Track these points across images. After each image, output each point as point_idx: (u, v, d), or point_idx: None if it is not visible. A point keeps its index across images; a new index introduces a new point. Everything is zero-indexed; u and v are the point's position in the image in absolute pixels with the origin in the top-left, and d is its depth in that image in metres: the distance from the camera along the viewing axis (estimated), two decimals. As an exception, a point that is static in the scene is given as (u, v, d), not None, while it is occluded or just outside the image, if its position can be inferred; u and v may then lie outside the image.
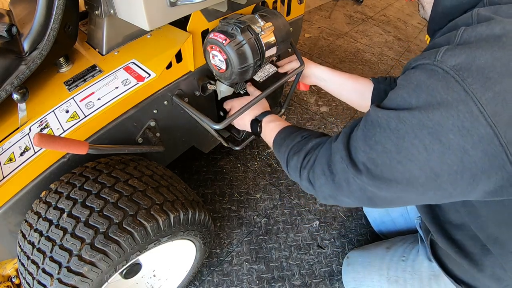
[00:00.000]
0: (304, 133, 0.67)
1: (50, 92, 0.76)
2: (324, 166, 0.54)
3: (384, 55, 2.15)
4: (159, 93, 0.80)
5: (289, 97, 1.07)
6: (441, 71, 0.39)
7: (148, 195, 0.66)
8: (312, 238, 1.16)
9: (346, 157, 0.49)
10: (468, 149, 0.38)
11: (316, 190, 0.57)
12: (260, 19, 0.77)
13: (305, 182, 0.59)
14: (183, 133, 0.97)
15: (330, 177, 0.52)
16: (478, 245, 0.61)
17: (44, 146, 0.54)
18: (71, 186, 0.65)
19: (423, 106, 0.40)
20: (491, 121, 0.37)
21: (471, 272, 0.65)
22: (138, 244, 0.62)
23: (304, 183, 0.60)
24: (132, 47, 0.85)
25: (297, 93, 1.77)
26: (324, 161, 0.54)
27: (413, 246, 0.85)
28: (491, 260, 0.60)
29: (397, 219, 1.04)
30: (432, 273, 0.77)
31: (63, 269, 0.56)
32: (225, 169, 1.38)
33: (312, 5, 2.69)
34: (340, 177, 0.50)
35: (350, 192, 0.50)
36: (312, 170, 0.57)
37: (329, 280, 1.06)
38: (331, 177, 0.52)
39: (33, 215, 0.64)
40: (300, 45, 2.18)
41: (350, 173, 0.48)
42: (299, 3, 1.10)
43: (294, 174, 0.63)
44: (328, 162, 0.53)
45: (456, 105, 0.38)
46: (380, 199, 0.49)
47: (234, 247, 1.13)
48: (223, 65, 0.76)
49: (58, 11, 0.69)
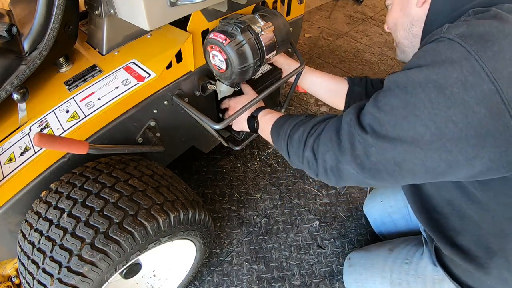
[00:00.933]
0: (307, 115, 0.69)
1: (50, 92, 0.76)
2: (332, 133, 0.55)
3: (384, 55, 2.15)
4: (159, 93, 0.80)
5: (289, 97, 1.07)
6: (446, 40, 0.44)
7: (148, 195, 0.66)
8: (312, 238, 1.16)
9: (354, 120, 0.51)
10: (472, 105, 0.40)
11: (318, 159, 0.57)
12: (260, 19, 0.77)
13: (308, 152, 0.59)
14: (183, 133, 0.97)
15: (336, 142, 0.53)
16: (482, 248, 0.61)
17: (44, 146, 0.54)
18: (71, 186, 0.65)
19: (430, 64, 0.44)
20: (493, 77, 0.39)
21: (478, 276, 0.65)
22: (138, 244, 0.62)
23: (307, 153, 0.59)
24: (132, 47, 0.85)
25: (297, 93, 1.77)
26: (333, 128, 0.55)
27: (417, 248, 0.84)
28: (497, 262, 0.60)
29: (399, 221, 1.03)
30: (436, 277, 0.75)
31: (63, 269, 0.56)
32: (225, 169, 1.38)
33: (312, 5, 2.69)
34: (345, 140, 0.51)
35: (353, 157, 0.50)
36: (318, 138, 0.58)
37: (329, 280, 1.06)
38: (337, 142, 0.53)
39: (33, 215, 0.64)
40: (300, 45, 2.18)
41: (356, 134, 0.49)
42: (299, 3, 1.10)
43: (295, 148, 0.63)
44: (337, 128, 0.54)
45: (460, 61, 0.41)
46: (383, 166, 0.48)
47: (234, 247, 1.13)
48: (223, 65, 0.76)
49: (58, 11, 0.69)
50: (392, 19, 0.67)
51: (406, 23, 0.63)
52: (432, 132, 0.42)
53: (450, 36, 0.43)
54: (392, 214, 1.04)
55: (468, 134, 0.41)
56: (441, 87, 0.41)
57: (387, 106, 0.47)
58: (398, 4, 0.65)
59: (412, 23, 0.62)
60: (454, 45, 0.43)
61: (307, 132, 0.61)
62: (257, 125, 0.82)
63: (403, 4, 0.63)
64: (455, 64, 0.41)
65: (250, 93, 0.88)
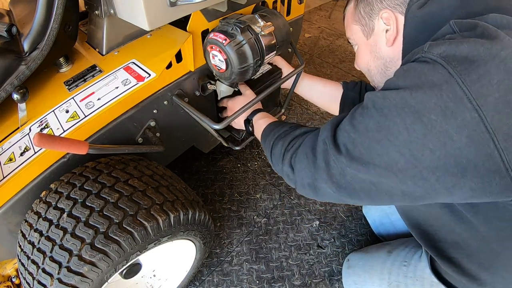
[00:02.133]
0: (292, 125, 0.67)
1: (50, 92, 0.76)
2: (308, 149, 0.53)
3: (384, 55, 2.15)
4: (159, 93, 0.80)
5: (289, 97, 1.07)
6: (429, 60, 0.40)
7: (148, 195, 0.66)
8: (312, 238, 1.16)
9: (330, 138, 0.48)
10: (451, 133, 0.37)
11: (295, 175, 0.55)
12: (260, 19, 0.77)
13: (287, 167, 0.58)
14: (183, 133, 0.97)
15: (312, 160, 0.51)
16: (475, 262, 0.59)
17: (44, 146, 0.54)
18: (71, 186, 0.65)
19: (408, 86, 0.40)
20: (476, 104, 0.36)
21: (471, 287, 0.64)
22: (138, 244, 0.62)
23: (285, 168, 0.58)
24: (132, 47, 0.85)
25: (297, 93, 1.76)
26: (309, 144, 0.54)
27: (415, 251, 0.83)
28: (490, 274, 0.59)
29: (397, 222, 1.03)
30: (434, 280, 0.75)
31: (63, 269, 0.56)
32: (225, 169, 1.38)
33: (312, 5, 2.69)
34: (320, 158, 0.49)
35: (329, 176, 0.48)
36: (295, 153, 0.56)
37: (329, 280, 1.06)
38: (312, 160, 0.51)
39: (33, 215, 0.64)
40: (300, 45, 2.18)
41: (330, 154, 0.47)
42: (299, 3, 1.10)
43: (276, 160, 0.62)
44: (313, 145, 0.52)
45: (440, 85, 0.38)
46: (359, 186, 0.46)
47: (234, 247, 1.13)
48: (223, 65, 0.76)
49: (58, 11, 0.69)
50: (363, 63, 0.63)
51: (380, 67, 0.59)
52: (407, 159, 0.40)
53: (432, 56, 0.39)
54: (390, 215, 1.04)
55: (446, 162, 0.38)
56: (418, 112, 0.38)
57: (362, 125, 0.44)
58: (365, 47, 0.61)
59: (387, 66, 0.58)
60: (435, 66, 0.39)
61: (285, 146, 0.60)
62: (252, 129, 0.82)
63: (371, 47, 0.59)
64: (434, 88, 0.38)
65: (248, 94, 0.87)
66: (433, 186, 0.40)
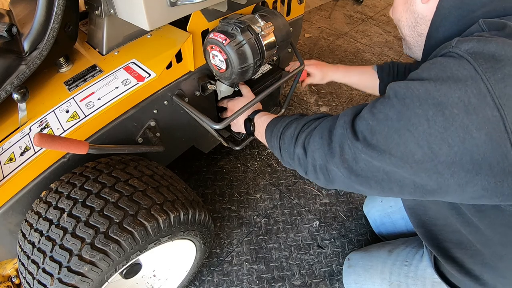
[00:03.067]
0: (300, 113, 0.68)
1: (50, 92, 0.76)
2: (324, 131, 0.53)
3: (384, 55, 2.15)
4: (159, 93, 0.80)
5: (289, 97, 1.07)
6: (456, 55, 0.41)
7: (148, 195, 0.66)
8: (312, 238, 1.16)
9: (348, 123, 0.49)
10: (471, 129, 0.37)
11: (307, 156, 0.55)
12: (260, 19, 0.77)
13: (299, 149, 0.57)
14: (183, 133, 0.97)
15: (327, 141, 0.51)
16: (478, 262, 0.60)
17: (44, 146, 0.54)
18: (71, 186, 0.65)
19: (433, 78, 0.40)
20: (499, 103, 0.36)
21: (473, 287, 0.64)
22: (138, 244, 0.62)
23: (297, 149, 0.58)
24: (132, 47, 0.85)
25: (297, 93, 1.77)
26: (326, 127, 0.54)
27: (417, 250, 0.83)
28: (492, 275, 0.60)
29: (398, 221, 1.03)
30: (435, 280, 0.75)
31: (63, 268, 0.56)
32: (225, 169, 1.38)
33: (312, 5, 2.69)
34: (336, 142, 0.49)
35: (342, 160, 0.48)
36: (310, 134, 0.56)
37: (329, 280, 1.06)
38: (327, 142, 0.51)
39: (33, 215, 0.64)
40: (300, 45, 2.18)
41: (347, 138, 0.47)
42: (299, 3, 1.10)
43: (287, 145, 0.61)
44: (331, 128, 0.53)
45: (465, 80, 0.38)
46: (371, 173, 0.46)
47: (234, 247, 1.13)
48: (223, 65, 0.76)
49: (58, 11, 0.69)
50: (397, 13, 0.62)
51: (411, 20, 0.59)
52: (424, 151, 0.40)
53: (459, 52, 0.40)
54: (391, 214, 1.04)
55: (463, 159, 0.38)
56: (440, 105, 0.38)
57: (382, 114, 0.44)
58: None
59: (417, 21, 0.58)
60: (462, 62, 0.39)
61: (300, 128, 0.60)
62: (253, 128, 0.82)
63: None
64: (459, 83, 0.38)
65: (247, 95, 0.87)
66: (447, 181, 0.40)
